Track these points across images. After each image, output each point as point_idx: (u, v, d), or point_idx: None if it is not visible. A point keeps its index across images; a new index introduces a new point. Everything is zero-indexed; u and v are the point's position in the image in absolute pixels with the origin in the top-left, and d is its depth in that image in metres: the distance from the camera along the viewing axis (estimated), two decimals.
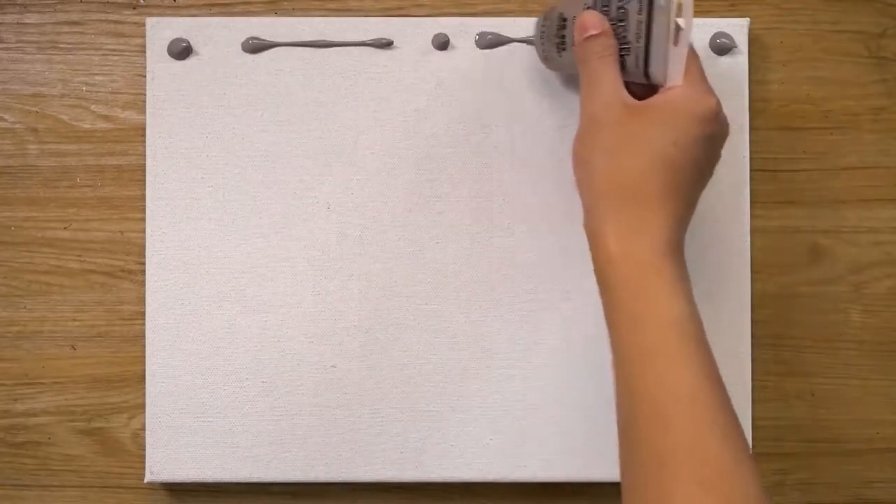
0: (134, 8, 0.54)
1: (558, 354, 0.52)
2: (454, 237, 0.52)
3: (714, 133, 0.42)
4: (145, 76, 0.52)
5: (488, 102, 0.52)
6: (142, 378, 0.52)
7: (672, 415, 0.37)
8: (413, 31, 0.52)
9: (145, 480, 0.51)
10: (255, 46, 0.52)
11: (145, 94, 0.52)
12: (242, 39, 0.52)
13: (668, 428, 0.37)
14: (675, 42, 0.42)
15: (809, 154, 0.54)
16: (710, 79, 0.51)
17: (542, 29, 0.49)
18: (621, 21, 0.44)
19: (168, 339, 0.51)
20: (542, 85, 0.52)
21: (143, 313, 0.52)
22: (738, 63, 0.52)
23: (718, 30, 0.52)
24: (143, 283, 0.52)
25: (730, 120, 0.51)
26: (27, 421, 0.53)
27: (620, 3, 0.44)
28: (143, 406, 0.52)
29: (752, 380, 0.52)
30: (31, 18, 0.53)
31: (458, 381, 0.52)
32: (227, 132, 0.52)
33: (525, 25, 0.52)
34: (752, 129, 0.52)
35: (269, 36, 0.52)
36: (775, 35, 0.54)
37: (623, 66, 0.44)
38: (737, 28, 0.52)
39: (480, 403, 0.51)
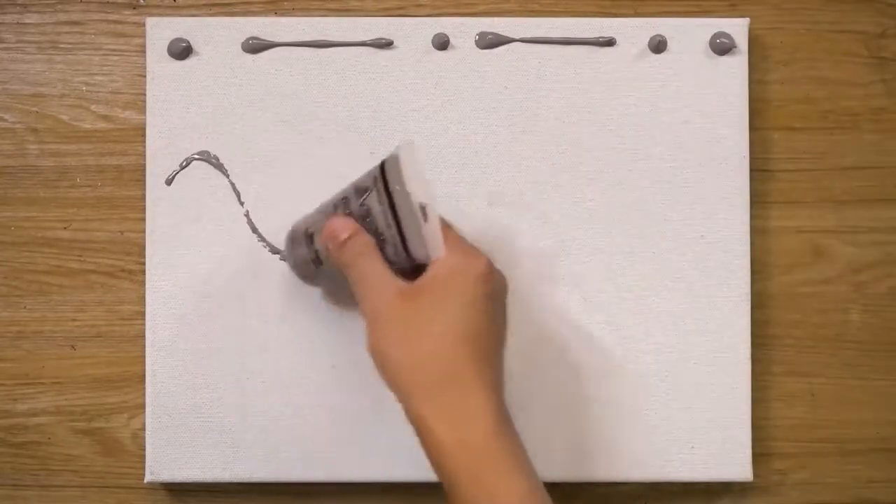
0: (134, 8, 0.54)
1: (558, 354, 0.52)
2: None
3: (495, 290, 0.42)
4: (145, 76, 0.52)
5: (488, 102, 0.52)
6: (142, 378, 0.52)
7: None
8: (413, 31, 0.52)
9: (145, 480, 0.51)
10: (255, 46, 0.52)
11: (145, 94, 0.52)
12: (242, 39, 0.52)
13: None
14: (425, 219, 0.42)
15: (809, 154, 0.54)
16: (710, 79, 0.52)
17: (292, 251, 0.48)
18: (367, 217, 0.43)
19: (168, 339, 0.51)
20: (542, 84, 0.52)
21: (143, 313, 0.52)
22: (738, 63, 0.52)
23: (718, 30, 0.52)
24: (143, 283, 0.52)
25: (730, 120, 0.52)
26: (27, 421, 0.53)
27: (360, 201, 0.43)
28: (143, 406, 0.52)
29: (752, 380, 0.52)
30: (31, 18, 0.53)
31: None
32: (226, 132, 0.52)
33: (525, 25, 0.52)
34: (752, 129, 0.52)
35: (269, 36, 0.52)
36: (775, 35, 0.54)
37: (386, 257, 0.43)
38: (737, 28, 0.52)
39: None
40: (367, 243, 0.43)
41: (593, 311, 0.52)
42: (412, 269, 0.43)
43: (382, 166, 0.43)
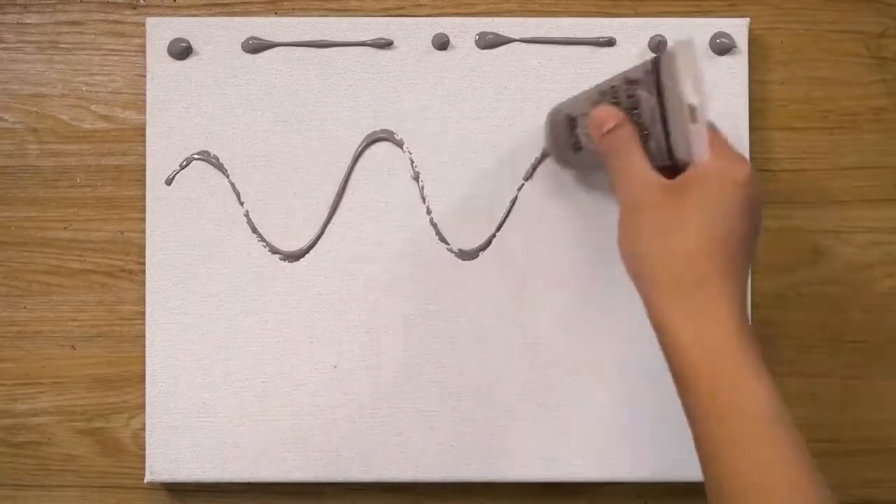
0: (134, 8, 0.54)
1: (559, 354, 0.52)
2: (454, 237, 0.52)
3: (754, 196, 0.42)
4: (145, 76, 0.52)
5: (488, 102, 0.52)
6: (142, 378, 0.52)
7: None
8: (413, 31, 0.52)
9: (145, 480, 0.51)
10: (255, 46, 0.52)
11: (145, 94, 0.52)
12: (242, 39, 0.52)
13: None
14: (694, 119, 0.41)
15: (809, 154, 0.54)
16: (710, 79, 0.52)
17: (551, 133, 0.48)
18: (634, 109, 0.43)
19: (168, 339, 0.51)
20: (542, 84, 0.52)
21: (143, 313, 0.52)
22: (738, 63, 0.52)
23: (718, 30, 0.52)
24: (143, 283, 0.52)
25: (730, 120, 0.52)
26: (27, 421, 0.53)
27: (629, 91, 0.43)
28: (143, 406, 0.52)
29: None
30: (31, 18, 0.54)
31: (459, 382, 0.52)
32: (226, 132, 0.52)
33: (525, 25, 0.52)
34: (752, 129, 0.52)
35: (269, 36, 0.52)
36: (775, 35, 0.54)
37: (647, 152, 0.43)
38: (737, 28, 0.52)
39: (481, 403, 0.51)
40: (632, 135, 0.42)
41: (593, 311, 0.52)
42: (670, 169, 0.42)
43: (657, 61, 0.42)
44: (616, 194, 0.43)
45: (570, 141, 0.46)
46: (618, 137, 0.43)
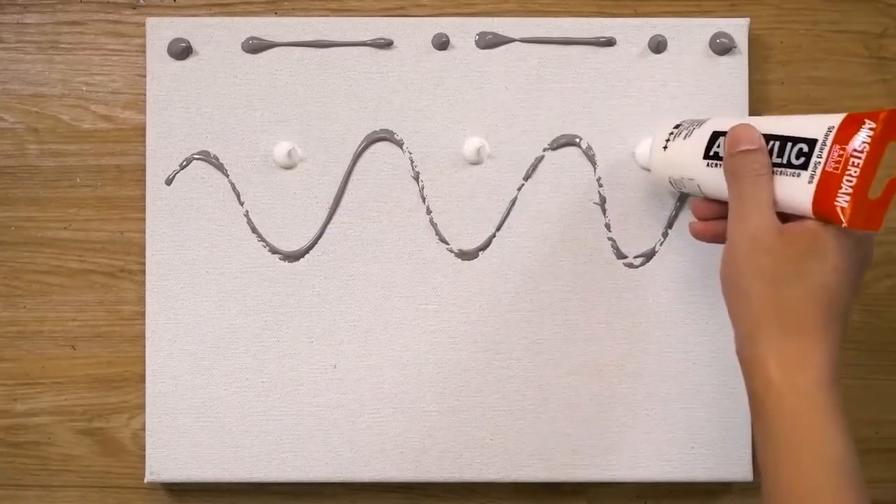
0: (134, 8, 0.54)
1: (558, 354, 0.52)
2: (454, 236, 0.52)
3: (869, 254, 0.42)
4: (145, 76, 0.52)
5: (488, 102, 0.52)
6: (142, 378, 0.52)
7: None
8: (413, 31, 0.52)
9: (145, 480, 0.51)
10: (255, 46, 0.52)
11: (145, 94, 0.52)
12: (242, 39, 0.52)
13: None
14: None
15: None
16: (710, 79, 0.52)
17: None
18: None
19: (168, 339, 0.51)
20: (542, 84, 0.52)
21: (143, 313, 0.52)
22: (738, 63, 0.52)
23: (718, 30, 0.52)
24: (143, 283, 0.52)
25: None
26: (27, 421, 0.53)
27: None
28: (143, 406, 0.52)
29: None
30: (31, 18, 0.54)
31: (458, 381, 0.52)
32: (226, 132, 0.52)
33: (525, 25, 0.52)
34: None
35: (269, 36, 0.52)
36: (775, 35, 0.54)
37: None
38: (737, 28, 0.52)
39: (480, 403, 0.51)
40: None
41: (593, 311, 0.52)
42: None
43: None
44: (731, 223, 0.41)
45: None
46: (750, 161, 0.41)
